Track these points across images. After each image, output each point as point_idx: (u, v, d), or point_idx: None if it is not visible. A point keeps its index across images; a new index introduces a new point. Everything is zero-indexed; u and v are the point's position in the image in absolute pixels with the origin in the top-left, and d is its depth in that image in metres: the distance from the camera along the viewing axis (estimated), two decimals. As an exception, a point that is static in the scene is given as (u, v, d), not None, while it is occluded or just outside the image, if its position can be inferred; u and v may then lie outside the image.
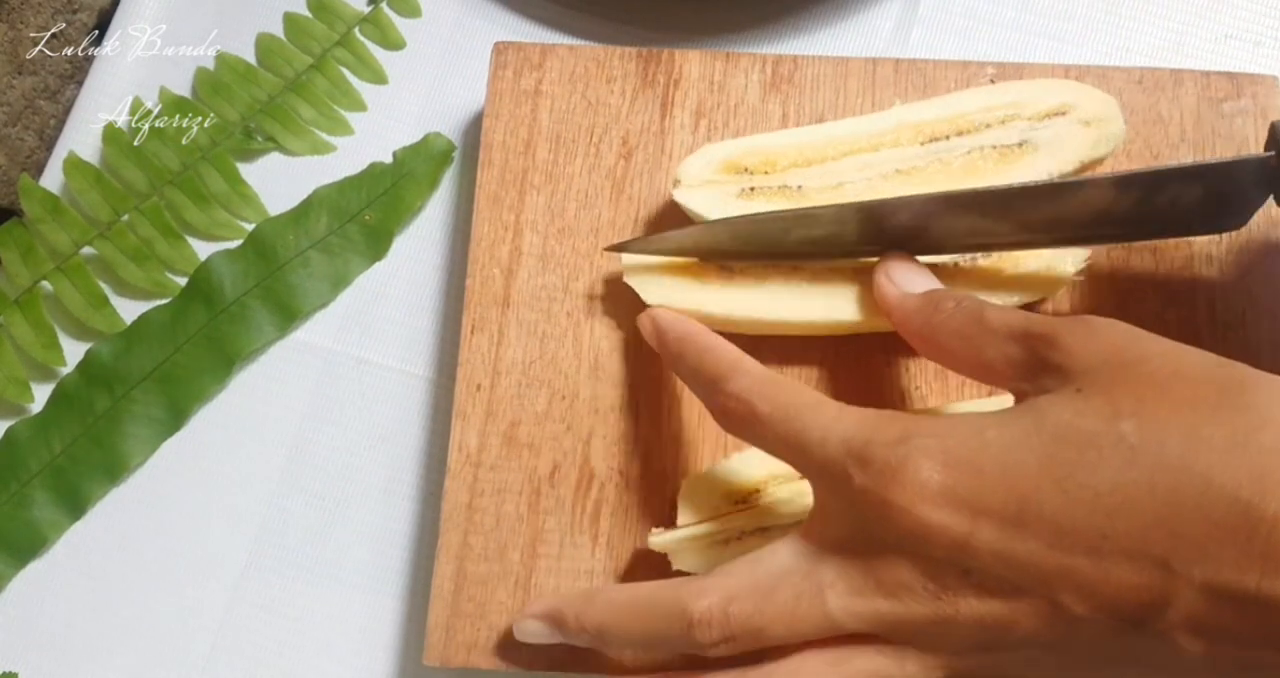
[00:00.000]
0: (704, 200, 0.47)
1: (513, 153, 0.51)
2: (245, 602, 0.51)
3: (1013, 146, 0.47)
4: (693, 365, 0.43)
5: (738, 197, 0.47)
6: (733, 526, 0.44)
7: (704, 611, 0.38)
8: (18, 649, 0.50)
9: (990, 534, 0.35)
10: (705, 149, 0.48)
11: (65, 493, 0.51)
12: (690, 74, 0.52)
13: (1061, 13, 0.57)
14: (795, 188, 0.47)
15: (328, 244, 0.54)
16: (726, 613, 0.38)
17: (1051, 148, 0.47)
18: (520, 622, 0.44)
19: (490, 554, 0.47)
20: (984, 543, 0.35)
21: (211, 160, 0.55)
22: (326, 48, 0.57)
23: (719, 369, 0.42)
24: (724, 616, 0.38)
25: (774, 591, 0.38)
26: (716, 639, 0.38)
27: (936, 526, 0.36)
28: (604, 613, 0.41)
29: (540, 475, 0.48)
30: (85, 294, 0.53)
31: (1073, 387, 0.36)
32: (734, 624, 0.38)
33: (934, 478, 0.36)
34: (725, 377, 0.42)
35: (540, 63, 0.52)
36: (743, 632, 0.38)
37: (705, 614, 0.38)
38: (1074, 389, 0.36)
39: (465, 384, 0.48)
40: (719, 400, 0.42)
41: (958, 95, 0.49)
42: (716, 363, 0.42)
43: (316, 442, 0.52)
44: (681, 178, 0.47)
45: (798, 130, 0.49)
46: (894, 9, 0.57)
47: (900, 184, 0.47)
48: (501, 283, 0.50)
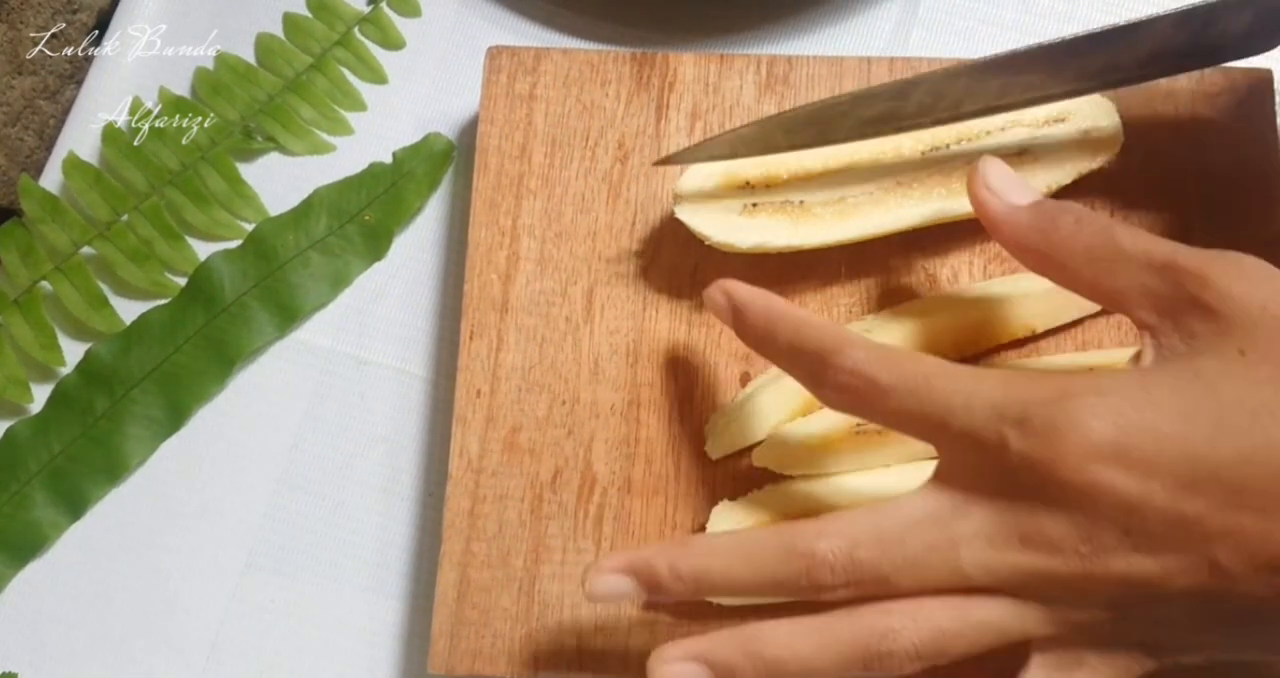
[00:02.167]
0: (708, 219, 0.47)
1: (508, 158, 0.51)
2: (245, 602, 0.51)
3: (1012, 155, 0.47)
4: (790, 342, 0.41)
5: (740, 213, 0.47)
6: None
7: (827, 551, 0.37)
8: (18, 649, 0.50)
9: (1162, 495, 0.35)
10: None
11: (65, 493, 0.51)
12: (685, 76, 0.52)
13: (1062, 14, 0.57)
14: (798, 203, 0.47)
15: (327, 244, 0.54)
16: (852, 557, 0.37)
17: (1050, 160, 0.47)
18: (596, 579, 0.40)
19: (493, 561, 0.47)
20: (1154, 503, 0.35)
21: (211, 160, 0.55)
22: (326, 48, 0.57)
23: (824, 344, 0.40)
24: (849, 559, 0.37)
25: (903, 540, 0.37)
26: (839, 583, 0.37)
27: (1107, 485, 0.35)
28: (705, 558, 0.39)
29: (542, 481, 0.48)
30: (85, 294, 0.53)
31: (1234, 347, 0.36)
32: (859, 569, 0.37)
33: (1107, 437, 0.35)
34: (834, 351, 0.39)
35: (534, 67, 0.52)
36: (868, 578, 0.37)
37: (829, 556, 0.37)
38: (1236, 350, 0.36)
39: (465, 390, 0.48)
40: (829, 376, 0.39)
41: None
42: (820, 338, 0.40)
43: (316, 442, 0.52)
44: (682, 193, 0.47)
45: None
46: (894, 10, 0.57)
47: (901, 197, 0.47)
48: (499, 288, 0.50)
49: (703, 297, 0.44)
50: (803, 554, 0.37)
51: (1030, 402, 0.36)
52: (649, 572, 0.39)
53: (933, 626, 0.37)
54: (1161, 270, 0.38)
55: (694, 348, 0.49)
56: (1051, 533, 0.36)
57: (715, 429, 0.47)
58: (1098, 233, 0.40)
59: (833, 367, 0.39)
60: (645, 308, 0.49)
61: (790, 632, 0.38)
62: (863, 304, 0.49)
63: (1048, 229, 0.41)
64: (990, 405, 0.37)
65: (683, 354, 0.48)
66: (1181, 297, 0.37)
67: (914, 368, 0.38)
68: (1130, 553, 0.35)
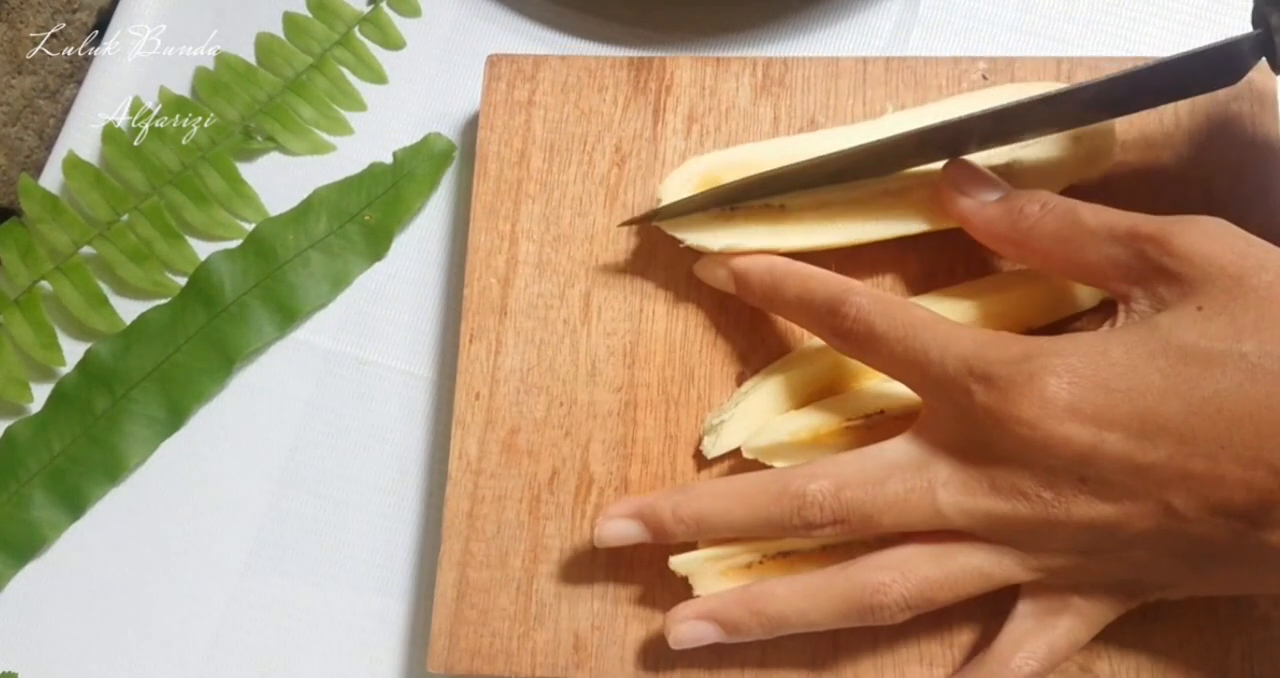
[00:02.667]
0: (684, 220, 0.47)
1: (507, 163, 0.51)
2: (245, 602, 0.51)
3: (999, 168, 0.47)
4: (798, 294, 0.44)
5: (715, 218, 0.47)
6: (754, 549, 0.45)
7: (816, 492, 0.41)
8: (18, 649, 0.50)
9: (1114, 446, 0.37)
10: (687, 164, 0.49)
11: (65, 493, 0.51)
12: (681, 80, 0.52)
13: (1062, 13, 0.56)
14: (778, 206, 0.47)
15: (328, 244, 0.54)
16: (839, 497, 0.40)
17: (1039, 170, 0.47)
18: (605, 525, 0.44)
19: (492, 561, 0.47)
20: (1107, 454, 0.37)
21: (211, 160, 0.55)
22: (326, 47, 0.57)
23: (830, 292, 0.43)
24: (836, 499, 0.40)
25: (885, 481, 0.40)
26: (827, 521, 0.41)
27: (1061, 438, 0.38)
28: (704, 501, 0.43)
29: (540, 482, 0.48)
30: (85, 294, 0.53)
31: (1193, 304, 0.38)
32: (845, 508, 0.40)
33: (1061, 394, 0.38)
34: (839, 298, 0.42)
35: (533, 74, 0.52)
36: (853, 516, 0.40)
37: (818, 495, 0.41)
38: (1194, 307, 0.38)
39: (464, 392, 0.49)
40: (835, 323, 0.43)
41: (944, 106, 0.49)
42: (825, 287, 0.43)
43: (316, 442, 0.53)
44: (663, 198, 0.48)
45: (781, 143, 0.49)
46: (894, 10, 0.57)
47: (887, 207, 0.47)
48: (498, 292, 0.50)
49: (697, 272, 0.47)
50: (794, 495, 0.41)
51: (995, 360, 0.39)
52: (654, 516, 0.43)
53: (919, 577, 0.40)
54: (1125, 240, 0.40)
55: (690, 349, 0.49)
56: (1015, 481, 0.39)
57: (711, 429, 0.47)
58: (1062, 215, 0.42)
59: (838, 313, 0.42)
60: (642, 310, 0.49)
61: (790, 590, 0.42)
62: None
63: (1016, 219, 0.43)
64: (960, 359, 0.40)
65: (679, 355, 0.49)
66: (1147, 263, 0.39)
67: (904, 317, 0.41)
68: (1090, 499, 0.38)
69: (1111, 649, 0.44)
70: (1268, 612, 0.45)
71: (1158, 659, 0.44)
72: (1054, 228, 0.42)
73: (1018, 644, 0.41)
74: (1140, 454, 0.37)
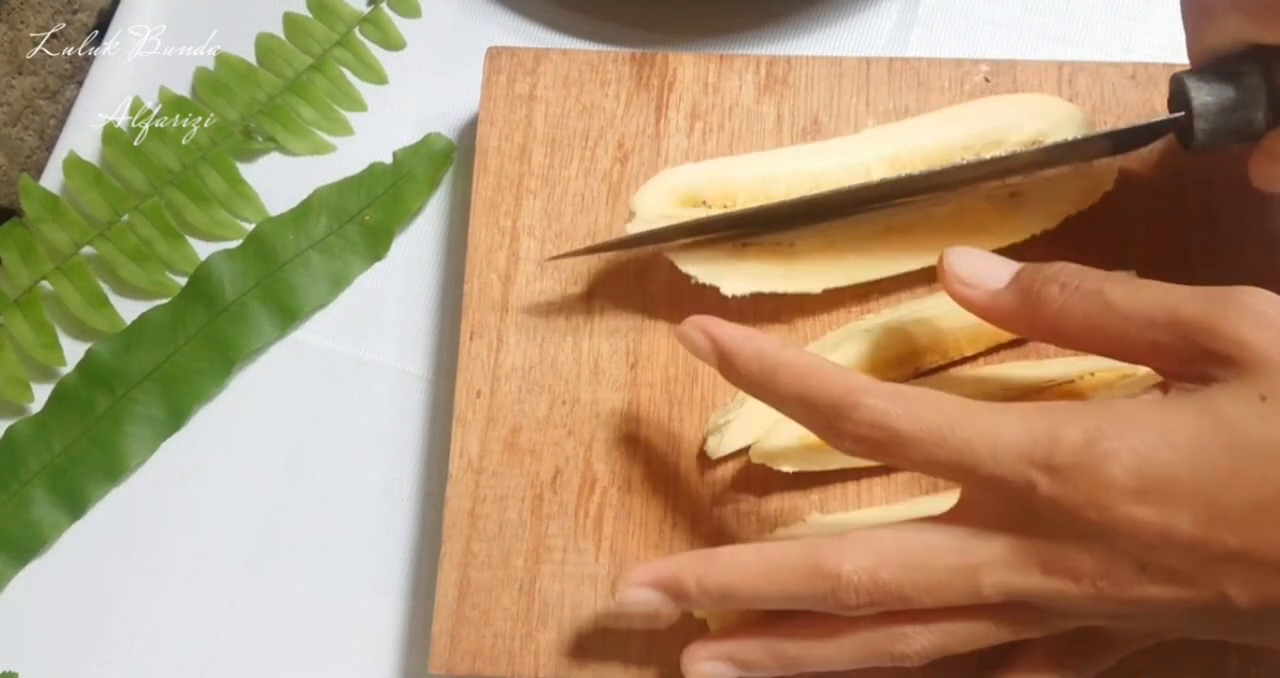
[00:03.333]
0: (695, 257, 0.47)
1: (508, 158, 0.51)
2: (245, 602, 0.51)
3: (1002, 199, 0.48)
4: (796, 392, 0.40)
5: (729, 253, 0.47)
6: None
7: (853, 574, 0.38)
8: (18, 649, 0.50)
9: (1184, 531, 0.36)
10: (662, 176, 0.48)
11: (65, 493, 0.51)
12: (684, 76, 0.52)
13: (1062, 13, 0.57)
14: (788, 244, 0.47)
15: (327, 244, 0.54)
16: (876, 580, 0.38)
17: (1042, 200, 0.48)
18: (626, 592, 0.41)
19: (494, 561, 0.47)
20: (1176, 538, 0.36)
21: (211, 160, 0.55)
22: (326, 48, 0.57)
23: (835, 394, 0.39)
24: (873, 582, 0.38)
25: (926, 564, 0.38)
26: (863, 603, 0.38)
27: (1130, 520, 0.36)
28: (730, 574, 0.40)
29: (542, 481, 0.48)
30: (85, 294, 0.53)
31: (1255, 392, 0.36)
32: (883, 592, 0.38)
33: (1131, 480, 0.36)
34: (848, 403, 0.38)
35: (534, 67, 0.52)
36: (891, 600, 0.38)
37: (854, 578, 0.38)
38: (1258, 395, 0.36)
39: (465, 390, 0.48)
40: (847, 429, 0.38)
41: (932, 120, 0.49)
42: (829, 387, 0.39)
43: (316, 442, 0.52)
44: (637, 210, 0.47)
45: (762, 158, 0.49)
46: (894, 9, 0.57)
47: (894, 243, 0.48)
48: (499, 289, 0.50)
49: (676, 334, 0.43)
50: (828, 576, 0.38)
51: (1057, 450, 0.36)
52: (677, 585, 0.40)
53: (942, 630, 0.39)
54: (1167, 327, 0.38)
55: (694, 348, 0.49)
56: (1073, 564, 0.37)
57: (716, 429, 0.47)
58: (1088, 299, 0.39)
59: (850, 420, 0.38)
60: (645, 308, 0.49)
61: (810, 633, 0.40)
62: None
63: (1036, 306, 0.40)
64: (1017, 454, 0.37)
65: (682, 354, 0.48)
66: (1193, 348, 0.37)
67: (935, 416, 0.38)
68: (1147, 585, 0.37)
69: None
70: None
71: (1158, 660, 0.44)
72: (1083, 315, 0.39)
73: None
74: (1209, 543, 0.36)
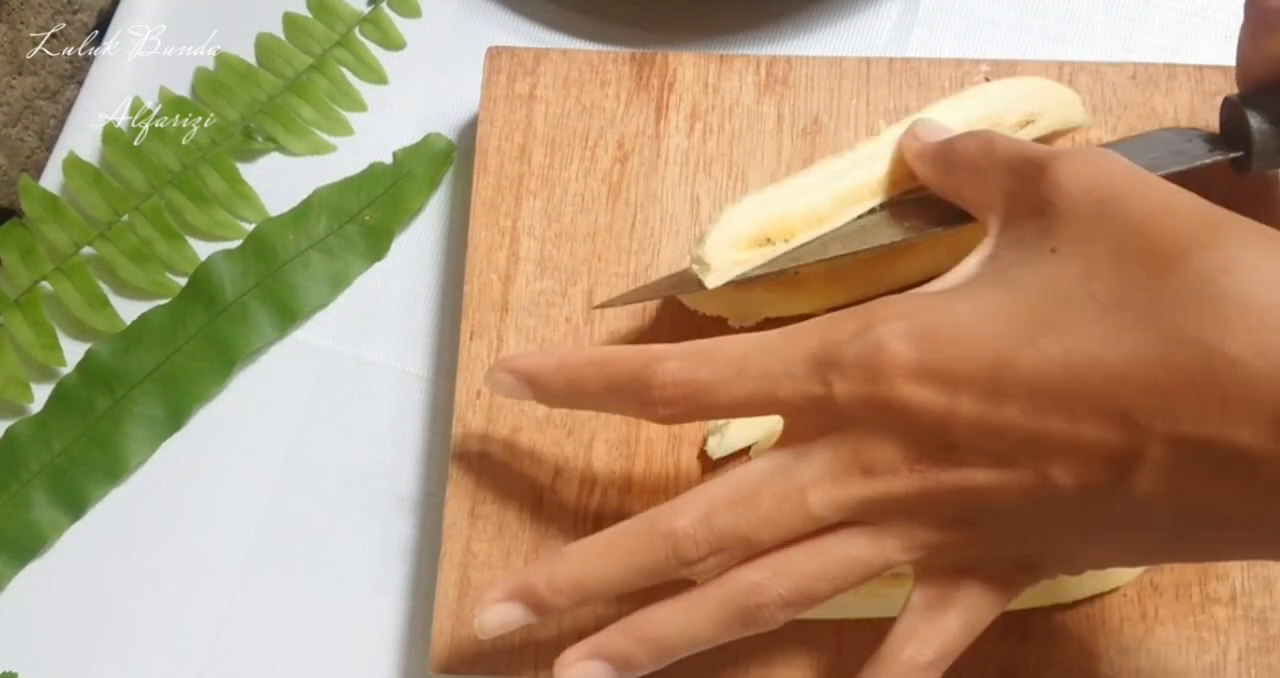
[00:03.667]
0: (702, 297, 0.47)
1: (508, 158, 0.51)
2: (245, 602, 0.51)
3: None
4: (603, 383, 0.40)
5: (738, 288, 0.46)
6: None
7: (687, 526, 0.38)
8: (18, 649, 0.50)
9: (970, 405, 0.35)
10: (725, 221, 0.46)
11: (65, 493, 0.51)
12: (684, 77, 0.52)
13: (1062, 14, 0.57)
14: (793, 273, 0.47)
15: (327, 244, 0.54)
16: (710, 526, 0.37)
17: None
18: (483, 615, 0.40)
19: (494, 562, 0.47)
20: (964, 415, 0.35)
21: (211, 160, 0.55)
22: (326, 48, 0.57)
23: (634, 367, 0.39)
24: (708, 529, 0.37)
25: (754, 497, 0.38)
26: (705, 553, 0.38)
27: (916, 402, 0.35)
28: (577, 565, 0.39)
29: (542, 482, 0.48)
30: (85, 294, 0.53)
31: (1048, 246, 0.35)
32: (719, 535, 0.37)
33: (911, 357, 0.35)
34: (646, 372, 0.39)
35: (534, 67, 0.52)
36: (730, 542, 0.37)
37: (689, 529, 0.37)
38: (1049, 249, 0.35)
39: (465, 390, 0.48)
40: (655, 395, 0.39)
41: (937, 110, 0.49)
42: (628, 363, 0.40)
43: (316, 442, 0.52)
44: (711, 263, 0.45)
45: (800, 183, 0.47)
46: (894, 10, 0.57)
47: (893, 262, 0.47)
48: (499, 289, 0.50)
49: (488, 384, 0.43)
50: (665, 535, 0.38)
51: (839, 343, 0.37)
52: (530, 593, 0.39)
53: (796, 572, 0.37)
54: (1018, 169, 0.38)
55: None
56: (885, 457, 0.36)
57: (716, 429, 0.47)
58: (981, 143, 0.41)
59: (655, 386, 0.39)
60: (645, 308, 0.49)
61: (669, 610, 0.39)
62: None
63: (947, 152, 0.43)
64: (807, 361, 0.37)
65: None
66: (1027, 193, 0.37)
67: (728, 354, 0.38)
68: (958, 466, 0.35)
69: (1112, 651, 0.44)
70: (1265, 612, 0.45)
71: (1157, 660, 0.44)
72: (973, 157, 0.41)
73: (910, 634, 0.38)
74: (996, 413, 0.34)
